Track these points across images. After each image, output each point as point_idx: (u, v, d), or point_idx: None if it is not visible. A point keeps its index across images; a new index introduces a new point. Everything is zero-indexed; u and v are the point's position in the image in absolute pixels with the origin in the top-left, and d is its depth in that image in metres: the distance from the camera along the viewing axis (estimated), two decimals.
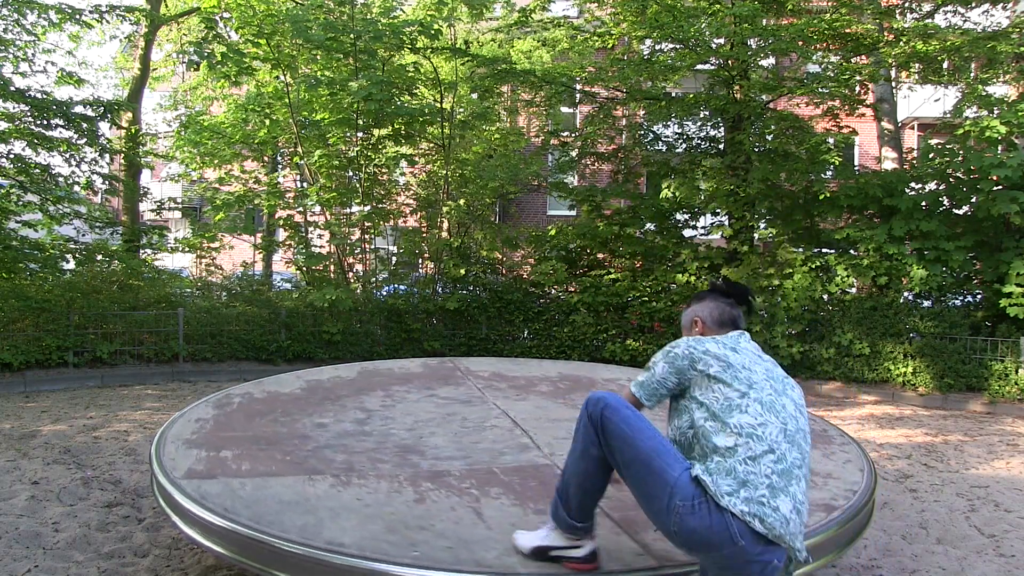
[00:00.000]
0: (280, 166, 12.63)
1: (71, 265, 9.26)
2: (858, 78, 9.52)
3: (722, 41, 9.40)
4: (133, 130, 10.69)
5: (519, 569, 2.05)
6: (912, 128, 18.42)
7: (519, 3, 11.67)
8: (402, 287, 10.45)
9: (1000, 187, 7.96)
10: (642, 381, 2.17)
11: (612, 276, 9.70)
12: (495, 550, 2.14)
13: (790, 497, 1.90)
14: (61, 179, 9.08)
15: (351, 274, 10.53)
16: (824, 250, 9.30)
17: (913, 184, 8.90)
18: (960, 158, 8.39)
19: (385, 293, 10.25)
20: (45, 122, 8.63)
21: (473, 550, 2.13)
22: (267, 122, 10.51)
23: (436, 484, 2.64)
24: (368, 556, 2.05)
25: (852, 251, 8.93)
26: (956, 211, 8.81)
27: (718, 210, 9.89)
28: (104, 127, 9.50)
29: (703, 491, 1.88)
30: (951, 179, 8.66)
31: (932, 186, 8.97)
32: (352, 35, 9.22)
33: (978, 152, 8.15)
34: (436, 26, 9.69)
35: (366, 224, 10.28)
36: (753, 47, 9.36)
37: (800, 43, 8.74)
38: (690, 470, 1.93)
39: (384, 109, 9.33)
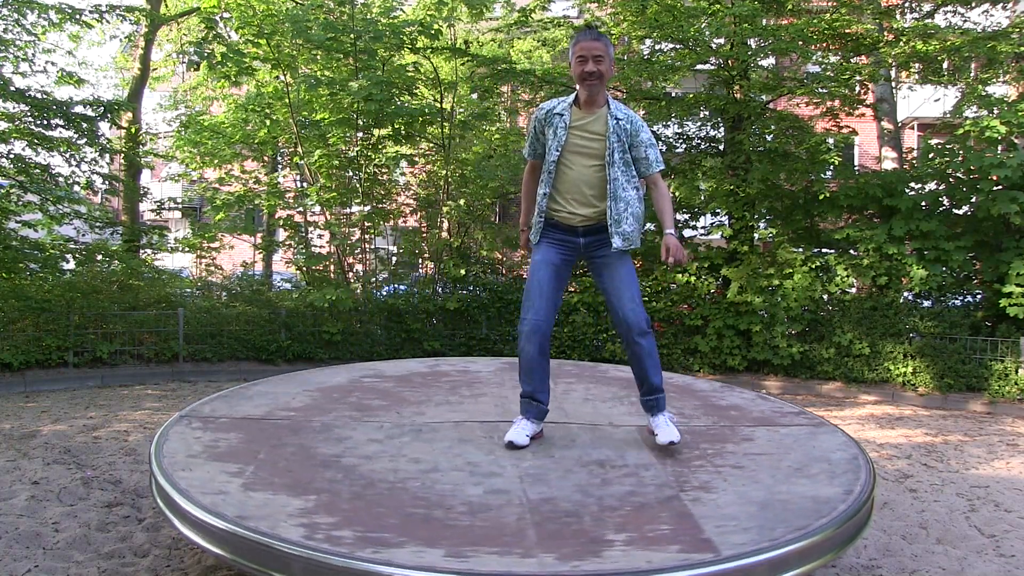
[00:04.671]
0: (280, 166, 12.63)
1: (71, 265, 9.25)
2: (858, 78, 9.52)
3: (722, 41, 9.39)
4: (133, 130, 10.67)
5: (519, 569, 2.05)
6: (912, 128, 18.43)
7: (519, 3, 11.66)
8: (402, 287, 10.45)
9: (1000, 187, 7.96)
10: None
11: None
12: None
13: None
14: (61, 179, 9.06)
15: (351, 274, 10.52)
16: (824, 250, 9.29)
17: (913, 184, 8.89)
18: (960, 158, 8.38)
19: (385, 293, 10.25)
20: (45, 122, 8.61)
21: None
22: (267, 122, 10.51)
23: None
24: (368, 557, 2.04)
25: (852, 251, 8.92)
26: (956, 211, 8.80)
27: (718, 210, 9.87)
28: (104, 127, 9.47)
29: None
30: (951, 179, 8.66)
31: (932, 186, 8.97)
32: (352, 35, 9.22)
33: (978, 152, 8.15)
34: (436, 26, 9.70)
35: (366, 224, 10.28)
36: (753, 47, 9.35)
37: (800, 43, 8.73)
38: None
39: (384, 109, 9.32)
